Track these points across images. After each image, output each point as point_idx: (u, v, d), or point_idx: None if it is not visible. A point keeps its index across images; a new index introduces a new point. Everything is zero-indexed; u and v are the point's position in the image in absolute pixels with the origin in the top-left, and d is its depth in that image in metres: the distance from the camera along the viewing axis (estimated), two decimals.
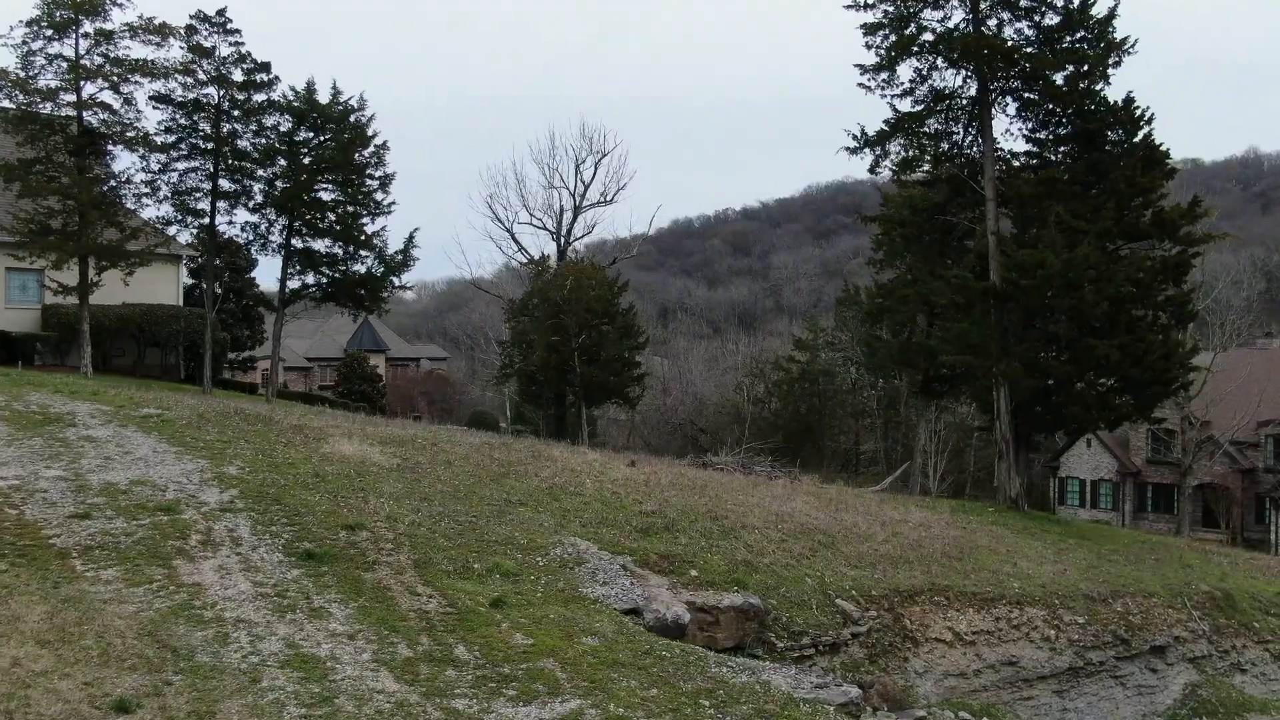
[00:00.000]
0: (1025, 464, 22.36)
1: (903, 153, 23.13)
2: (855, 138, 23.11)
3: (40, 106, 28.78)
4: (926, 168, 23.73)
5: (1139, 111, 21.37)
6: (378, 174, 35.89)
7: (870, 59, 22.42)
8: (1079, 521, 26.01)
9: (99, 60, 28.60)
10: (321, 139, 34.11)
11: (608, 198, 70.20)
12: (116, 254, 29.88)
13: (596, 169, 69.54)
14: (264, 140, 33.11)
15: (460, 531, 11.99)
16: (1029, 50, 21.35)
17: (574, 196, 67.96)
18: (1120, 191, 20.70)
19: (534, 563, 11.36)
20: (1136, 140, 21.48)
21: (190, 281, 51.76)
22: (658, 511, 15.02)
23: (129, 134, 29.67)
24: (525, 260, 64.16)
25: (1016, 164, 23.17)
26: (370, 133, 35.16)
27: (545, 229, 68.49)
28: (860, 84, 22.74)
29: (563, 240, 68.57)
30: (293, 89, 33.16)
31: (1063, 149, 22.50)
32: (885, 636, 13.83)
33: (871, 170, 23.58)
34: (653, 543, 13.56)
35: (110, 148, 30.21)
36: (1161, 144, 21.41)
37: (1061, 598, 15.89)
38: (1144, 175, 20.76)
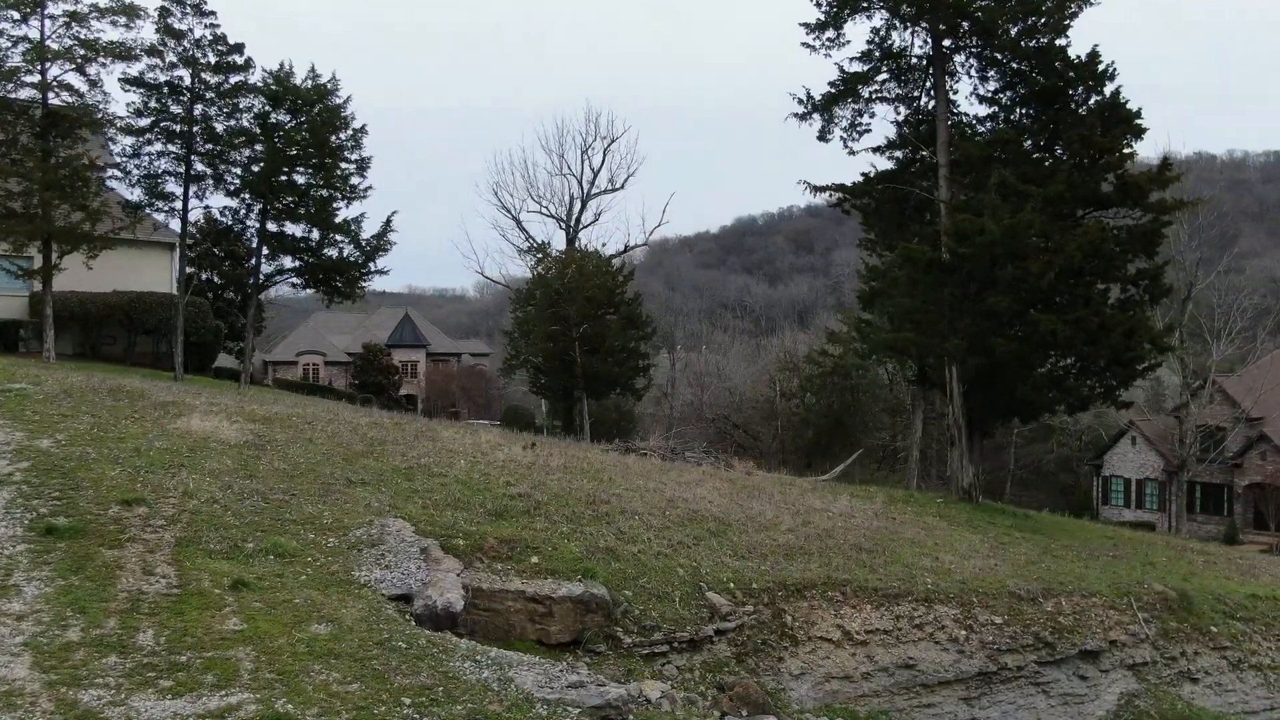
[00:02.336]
0: (980, 452, 20.64)
1: (852, 117, 21.58)
2: (801, 101, 21.58)
3: (3, 88, 28.46)
4: (887, 135, 22.15)
5: (1102, 67, 19.41)
6: (354, 157, 35.27)
7: (816, 16, 20.84)
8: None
9: (68, 43, 28.23)
10: (297, 121, 33.46)
11: (616, 184, 68.95)
12: (78, 237, 29.45)
13: (605, 155, 68.32)
14: (234, 123, 32.52)
15: (261, 510, 10.90)
16: (982, 2, 19.58)
17: (581, 183, 66.90)
18: (1075, 152, 18.87)
19: (323, 543, 10.22)
20: (1104, 99, 19.60)
21: (189, 270, 51.69)
22: (527, 495, 13.79)
23: (95, 116, 29.26)
24: (524, 248, 63.22)
25: (982, 129, 21.40)
26: (347, 115, 34.52)
27: (552, 216, 67.56)
28: (805, 44, 21.22)
29: (572, 228, 67.54)
30: (265, 70, 32.57)
31: (1021, 109, 20.71)
32: (760, 634, 12.45)
33: (821, 138, 22.04)
34: (500, 527, 12.35)
35: (79, 131, 29.78)
36: (1127, 101, 19.50)
37: (981, 595, 14.32)
38: (1103, 134, 18.87)
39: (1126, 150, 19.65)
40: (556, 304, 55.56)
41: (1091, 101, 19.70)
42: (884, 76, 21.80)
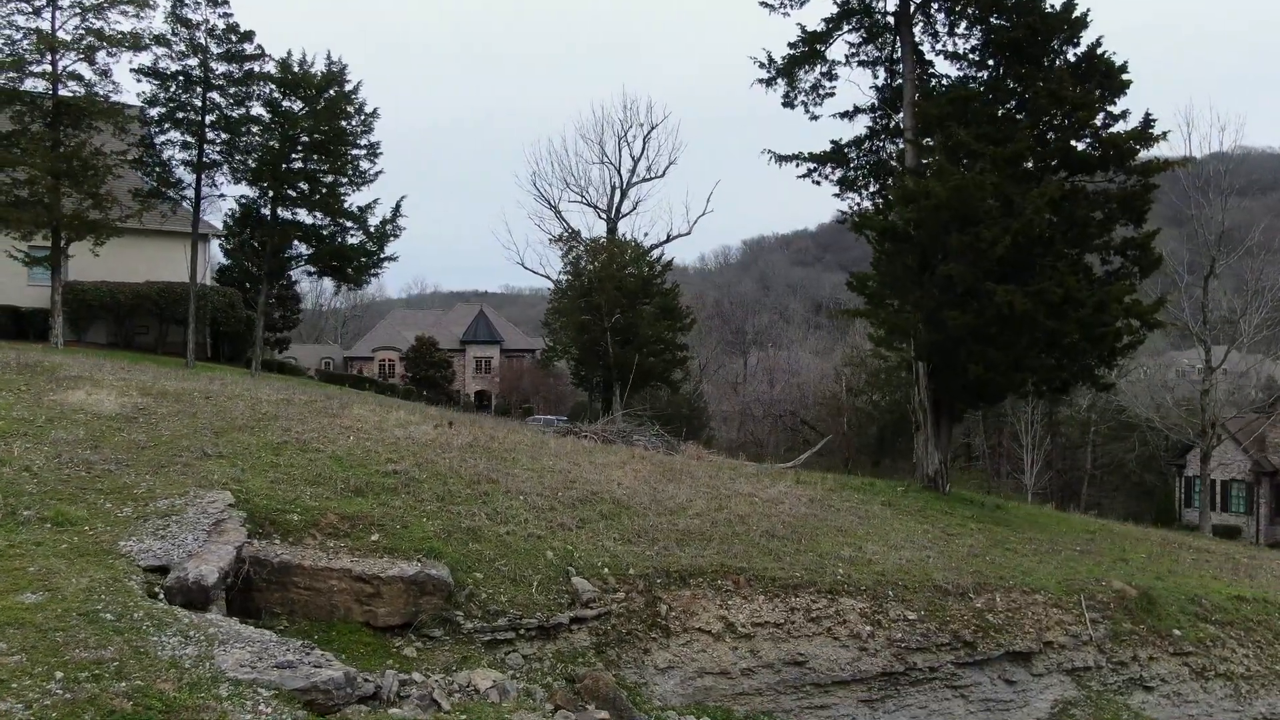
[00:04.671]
0: (948, 437, 19.10)
1: (815, 81, 20.25)
2: (763, 65, 20.33)
3: (15, 79, 28.89)
4: (856, 102, 20.75)
5: (1077, 14, 17.62)
6: (363, 143, 35.16)
7: None
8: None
9: (77, 33, 28.61)
10: (310, 108, 33.39)
11: (656, 172, 67.86)
12: (84, 224, 29.83)
13: (645, 143, 67.37)
14: (243, 110, 32.58)
15: (72, 480, 10.35)
16: None
17: (620, 172, 66.07)
18: (1039, 107, 17.22)
19: (115, 514, 9.59)
20: (1080, 51, 17.89)
21: (226, 261, 52.51)
22: (403, 472, 13.03)
23: (105, 105, 29.55)
24: (553, 237, 62.65)
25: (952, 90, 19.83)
26: (358, 100, 34.44)
27: (592, 206, 66.94)
28: (762, 2, 19.97)
29: (612, 218, 66.81)
30: (272, 58, 32.51)
31: (991, 64, 19.09)
32: (627, 623, 11.45)
33: (786, 104, 20.77)
34: (351, 504, 11.62)
35: (92, 121, 30.11)
36: (1105, 51, 17.68)
37: (899, 588, 13.05)
38: (1075, 88, 17.16)
39: (1111, 108, 17.93)
40: (588, 293, 54.87)
41: (1071, 55, 18.04)
42: (855, 38, 20.50)
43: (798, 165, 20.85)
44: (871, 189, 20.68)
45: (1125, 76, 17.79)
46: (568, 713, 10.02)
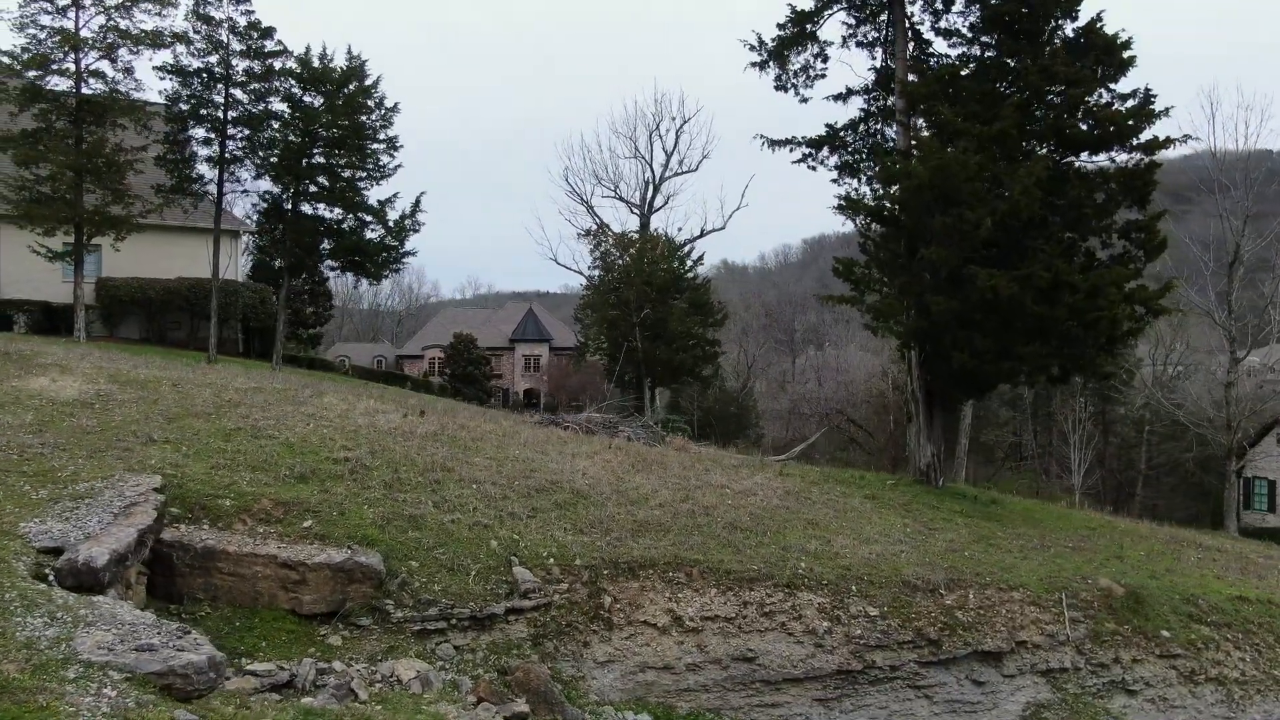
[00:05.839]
0: (941, 429, 18.32)
1: (805, 62, 19.62)
2: (754, 47, 19.75)
3: (34, 74, 29.33)
4: (848, 83, 20.10)
5: None
6: (383, 137, 35.23)
7: None
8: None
9: (99, 30, 29.01)
10: (331, 103, 33.50)
11: (690, 165, 67.21)
12: (104, 220, 30.22)
13: (678, 136, 66.80)
14: (265, 105, 32.77)
15: (8, 462, 10.31)
16: None
17: (652, 166, 65.65)
18: (1029, 84, 16.38)
19: (31, 495, 9.47)
20: (1079, 25, 17.02)
21: (258, 257, 53.03)
22: (354, 459, 12.82)
23: (127, 102, 29.88)
24: (581, 232, 62.34)
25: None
26: (378, 95, 34.52)
27: (624, 200, 66.66)
28: None
29: (645, 213, 66.44)
30: (292, 54, 32.61)
31: (984, 40, 18.27)
32: (567, 615, 11.10)
33: (779, 88, 20.17)
34: (290, 489, 11.42)
35: (117, 119, 30.46)
36: (1101, 24, 16.72)
37: (863, 583, 12.51)
38: (1067, 64, 16.28)
39: (1114, 85, 17.05)
40: (616, 288, 54.53)
41: (1070, 30, 17.22)
42: (850, 19, 19.79)
43: (791, 150, 20.28)
44: (871, 173, 20.01)
45: (1128, 53, 16.90)
46: (490, 704, 9.70)
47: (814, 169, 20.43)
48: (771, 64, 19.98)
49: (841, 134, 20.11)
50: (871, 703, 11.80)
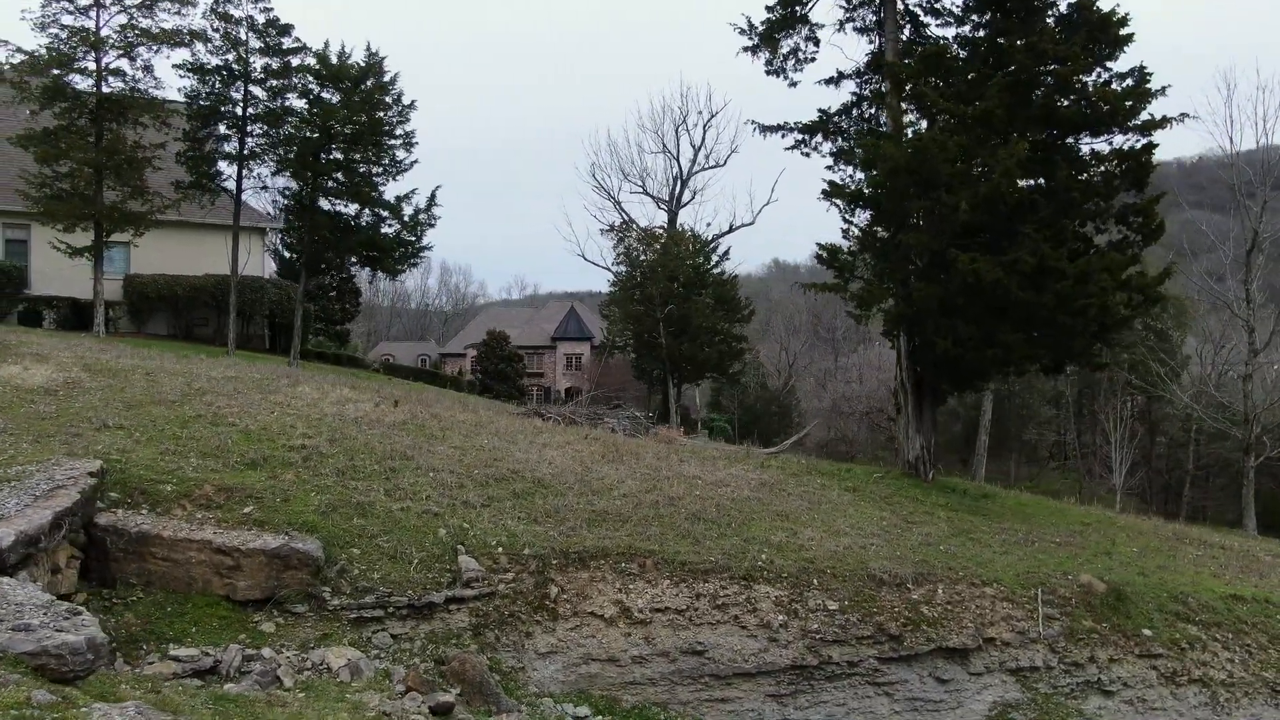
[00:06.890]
0: (932, 420, 17.75)
1: (795, 44, 19.16)
2: (744, 31, 19.33)
3: (55, 73, 29.78)
4: (840, 67, 19.58)
5: None
6: (399, 132, 35.32)
7: None
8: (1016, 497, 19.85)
9: (119, 30, 29.41)
10: (348, 100, 33.63)
11: (716, 160, 66.73)
12: (123, 217, 30.62)
13: (705, 131, 66.46)
14: (283, 102, 32.97)
15: None
16: None
17: (679, 161, 65.33)
18: (1017, 62, 15.73)
19: None
20: (1072, 1, 16.32)
21: (286, 254, 53.50)
22: (311, 447, 12.74)
23: (146, 100, 30.24)
24: (605, 227, 62.19)
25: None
26: (396, 90, 34.62)
27: (652, 196, 66.44)
28: None
29: (672, 208, 66.18)
30: (310, 50, 32.73)
31: (974, 19, 17.64)
32: (511, 605, 10.90)
33: (769, 72, 19.75)
34: (236, 476, 11.35)
35: (138, 116, 30.85)
36: (1095, 2, 16.02)
37: (825, 576, 12.15)
38: (1057, 41, 15.61)
39: (1111, 64, 16.40)
40: (640, 284, 54.29)
41: (1064, 7, 16.59)
42: (845, 1, 19.31)
43: (784, 136, 19.81)
44: (859, 158, 19.49)
45: (1124, 31, 16.23)
46: (417, 694, 9.53)
47: (807, 155, 20.00)
48: (762, 48, 19.57)
49: (835, 119, 19.66)
50: (829, 699, 11.45)
